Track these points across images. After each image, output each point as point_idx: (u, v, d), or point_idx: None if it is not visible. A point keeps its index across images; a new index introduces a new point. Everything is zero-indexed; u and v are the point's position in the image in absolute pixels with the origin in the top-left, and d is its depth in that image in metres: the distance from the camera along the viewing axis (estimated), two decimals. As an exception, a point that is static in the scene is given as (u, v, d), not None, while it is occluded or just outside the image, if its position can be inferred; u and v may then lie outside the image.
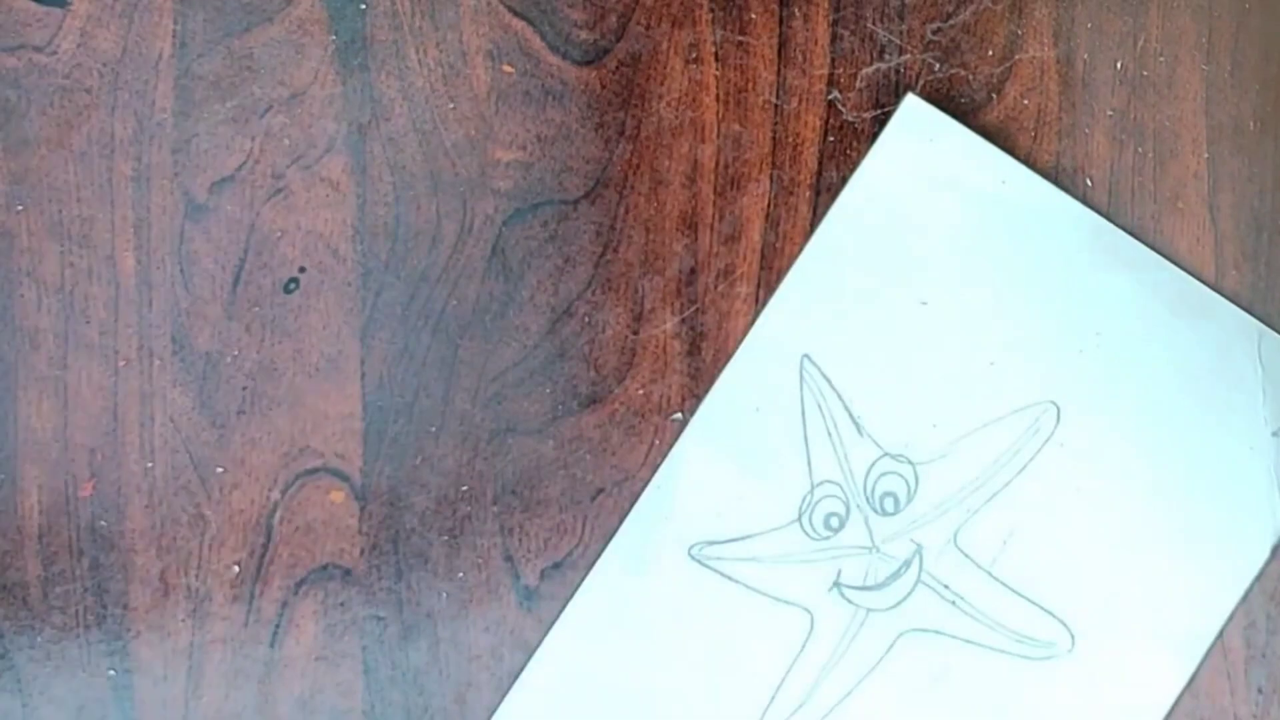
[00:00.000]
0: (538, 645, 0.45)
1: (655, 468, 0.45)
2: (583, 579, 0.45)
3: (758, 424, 0.45)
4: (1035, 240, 0.46)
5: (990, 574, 0.45)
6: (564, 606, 0.45)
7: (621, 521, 0.45)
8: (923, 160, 0.46)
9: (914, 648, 0.45)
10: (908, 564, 0.45)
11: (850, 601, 0.45)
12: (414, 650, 0.45)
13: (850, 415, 0.45)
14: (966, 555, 0.45)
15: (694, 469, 0.45)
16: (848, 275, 0.46)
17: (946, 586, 0.45)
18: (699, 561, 0.45)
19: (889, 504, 0.45)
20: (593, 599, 0.45)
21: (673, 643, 0.45)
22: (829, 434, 0.45)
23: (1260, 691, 0.46)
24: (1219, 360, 0.46)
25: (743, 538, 0.45)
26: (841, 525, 0.45)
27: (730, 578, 0.45)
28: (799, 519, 0.45)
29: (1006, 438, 0.45)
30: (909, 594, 0.45)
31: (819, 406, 0.45)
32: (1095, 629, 0.45)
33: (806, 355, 0.45)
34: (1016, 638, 0.45)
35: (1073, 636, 0.45)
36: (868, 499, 0.45)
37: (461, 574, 0.45)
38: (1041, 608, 0.45)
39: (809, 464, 0.45)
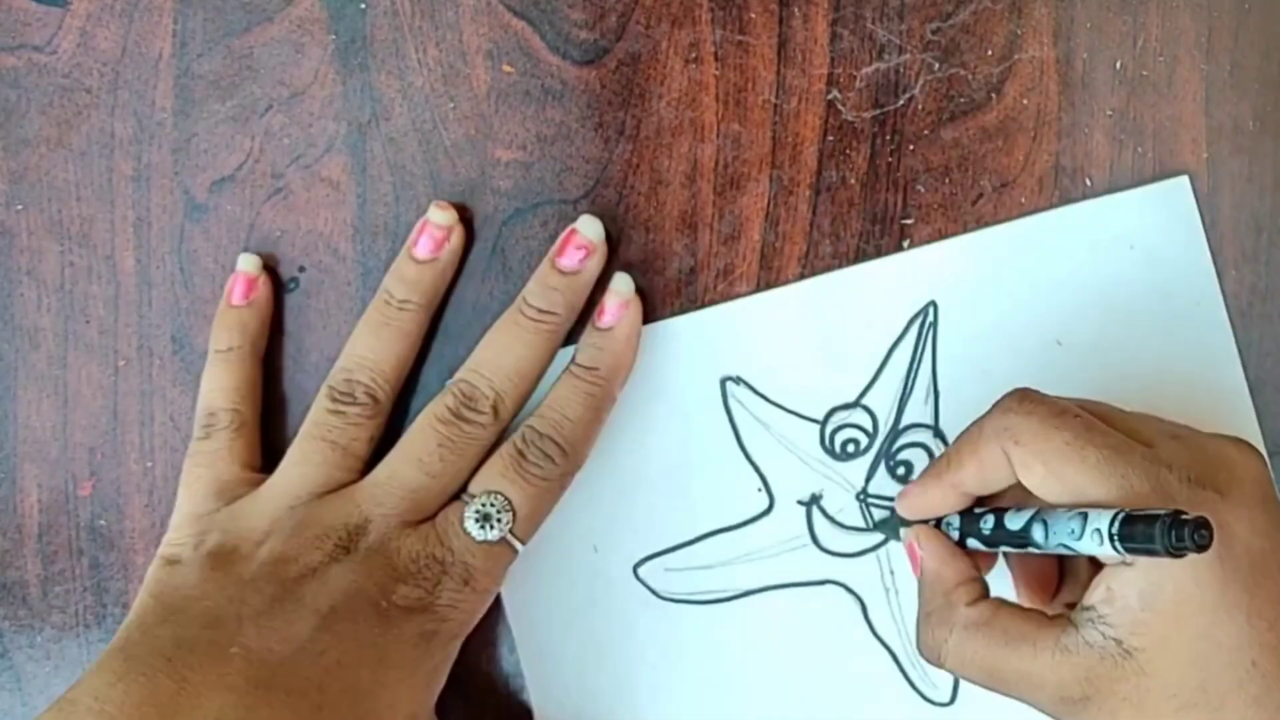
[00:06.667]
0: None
1: (655, 467, 0.45)
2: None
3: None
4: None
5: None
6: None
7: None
8: (1144, 239, 0.46)
9: (834, 599, 0.45)
10: (875, 535, 0.46)
11: (811, 520, 0.45)
12: (414, 650, 0.45)
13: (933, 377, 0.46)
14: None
15: None
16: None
17: (893, 573, 0.46)
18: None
19: (901, 472, 0.46)
20: None
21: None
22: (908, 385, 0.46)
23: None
24: None
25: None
26: (857, 454, 0.46)
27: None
28: (823, 426, 0.46)
29: None
30: (857, 554, 0.45)
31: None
32: None
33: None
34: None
35: None
36: (886, 459, 0.46)
37: (461, 574, 0.45)
38: None
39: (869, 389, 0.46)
